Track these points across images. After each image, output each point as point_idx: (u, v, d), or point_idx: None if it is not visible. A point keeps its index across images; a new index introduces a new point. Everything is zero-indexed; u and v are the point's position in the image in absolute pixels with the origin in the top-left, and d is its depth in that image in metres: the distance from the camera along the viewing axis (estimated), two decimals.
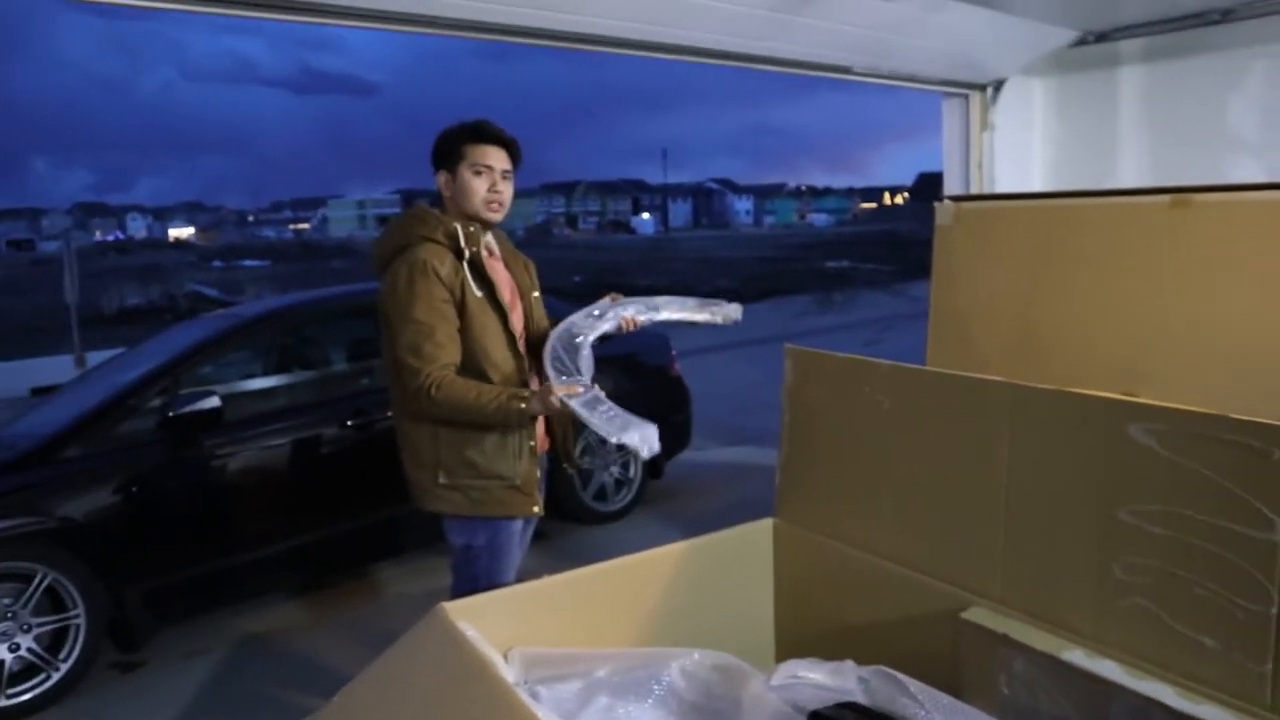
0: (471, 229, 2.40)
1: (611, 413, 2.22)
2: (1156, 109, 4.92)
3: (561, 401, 2.20)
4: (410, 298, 2.28)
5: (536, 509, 2.47)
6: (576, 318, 2.47)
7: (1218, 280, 2.31)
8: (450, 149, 2.42)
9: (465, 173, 2.39)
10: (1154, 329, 2.37)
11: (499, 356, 2.38)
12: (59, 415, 3.87)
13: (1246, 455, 1.43)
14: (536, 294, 2.62)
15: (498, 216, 2.45)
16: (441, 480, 2.38)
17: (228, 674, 3.62)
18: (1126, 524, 1.60)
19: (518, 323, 2.49)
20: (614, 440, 2.17)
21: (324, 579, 4.40)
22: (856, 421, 2.14)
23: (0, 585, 3.32)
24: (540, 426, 2.53)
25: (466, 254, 2.36)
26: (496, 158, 2.41)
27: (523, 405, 2.25)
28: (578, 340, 2.40)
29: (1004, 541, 1.81)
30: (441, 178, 2.44)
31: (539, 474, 2.49)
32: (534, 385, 2.45)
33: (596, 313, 2.49)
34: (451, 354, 2.30)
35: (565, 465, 2.70)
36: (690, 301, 2.44)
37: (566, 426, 2.66)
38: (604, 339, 2.48)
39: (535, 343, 2.51)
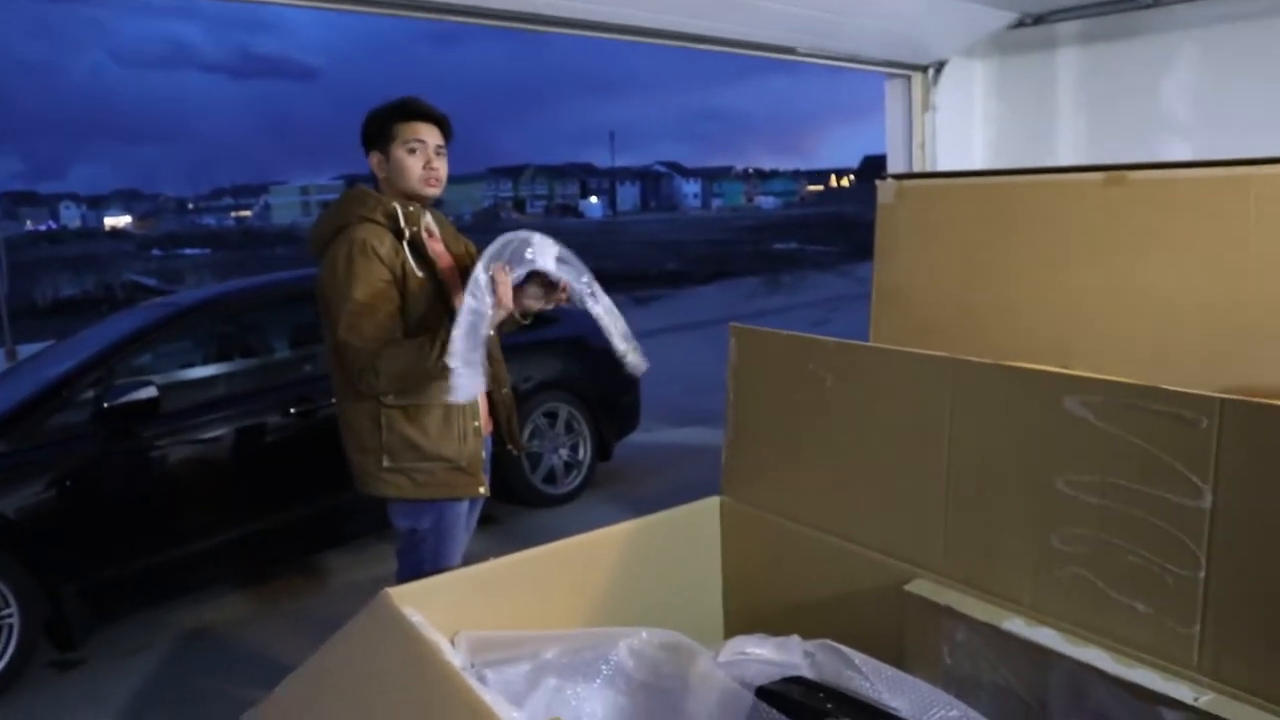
0: (411, 208, 2.36)
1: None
2: (1092, 90, 5.02)
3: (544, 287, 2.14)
4: (350, 278, 2.24)
5: (482, 489, 2.46)
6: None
7: (1150, 255, 2.36)
8: (380, 128, 2.38)
9: (398, 151, 2.36)
10: (1089, 303, 2.42)
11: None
12: None
13: (1177, 425, 1.47)
14: None
15: (435, 191, 2.41)
16: (385, 464, 2.34)
17: (170, 670, 3.55)
18: (1064, 494, 1.63)
19: (460, 303, 2.45)
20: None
21: (268, 570, 4.33)
22: (800, 398, 2.15)
23: None
24: (484, 408, 2.51)
25: (406, 234, 2.33)
26: (428, 133, 2.38)
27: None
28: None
29: (946, 514, 1.84)
30: (374, 159, 2.41)
31: (484, 455, 2.47)
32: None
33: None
34: (393, 333, 2.26)
35: (510, 448, 2.68)
36: (621, 325, 2.35)
37: (511, 409, 2.64)
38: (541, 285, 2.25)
39: None
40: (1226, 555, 1.41)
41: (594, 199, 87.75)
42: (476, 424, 2.41)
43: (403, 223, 2.32)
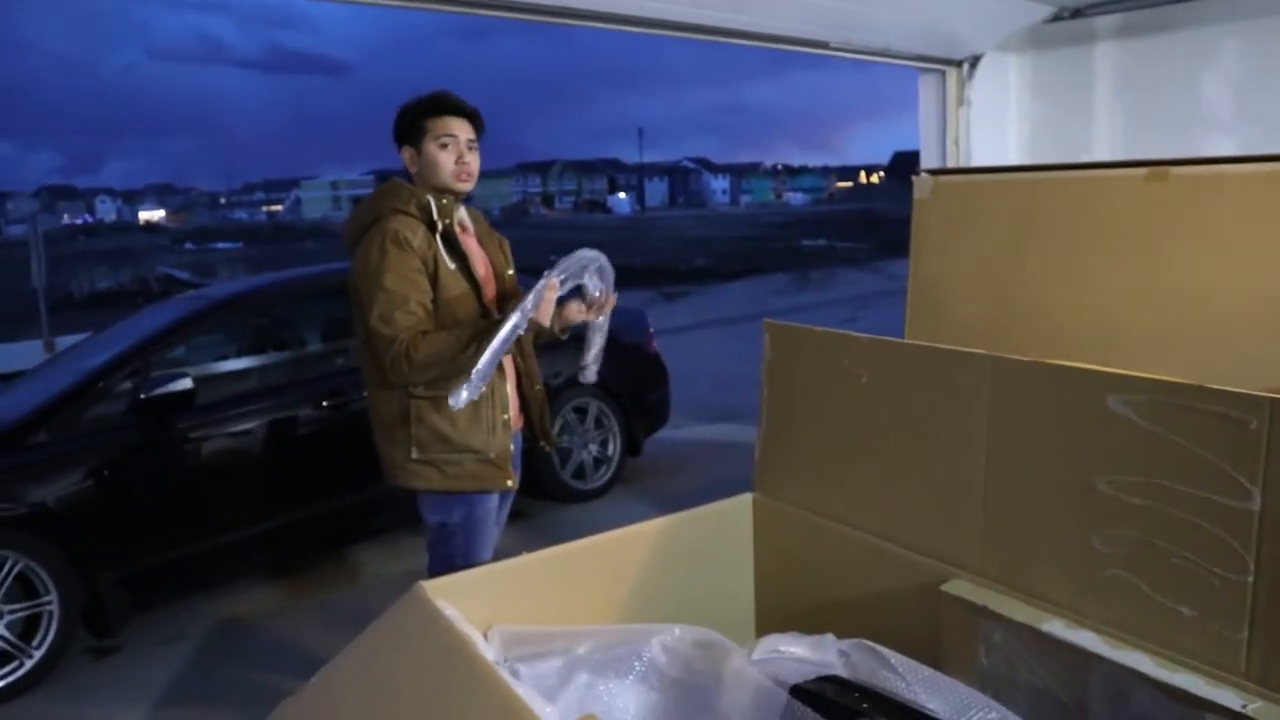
0: (444, 201, 2.37)
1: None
2: (1130, 86, 4.94)
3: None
4: (382, 268, 2.25)
5: (510, 483, 2.46)
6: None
7: (1193, 252, 2.31)
8: (412, 123, 2.39)
9: (430, 146, 2.36)
10: (1130, 300, 2.38)
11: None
12: (26, 400, 3.80)
13: (1224, 425, 1.44)
14: (511, 272, 2.58)
15: (467, 186, 2.42)
16: (414, 455, 2.35)
17: (204, 659, 3.59)
18: (1105, 495, 1.60)
19: (492, 297, 2.46)
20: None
21: (301, 561, 4.37)
22: (835, 395, 2.13)
23: None
24: (514, 403, 2.51)
25: (439, 226, 2.33)
26: (460, 127, 2.38)
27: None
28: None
29: (983, 514, 1.81)
30: (406, 154, 2.42)
31: (512, 448, 2.47)
32: (509, 368, 2.47)
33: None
34: (425, 323, 2.27)
35: (542, 444, 2.68)
36: (602, 343, 2.41)
37: (543, 404, 2.64)
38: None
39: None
40: (1276, 559, 1.38)
41: (622, 194, 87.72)
42: (506, 417, 2.42)
43: (436, 215, 2.33)
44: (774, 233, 35.69)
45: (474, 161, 2.41)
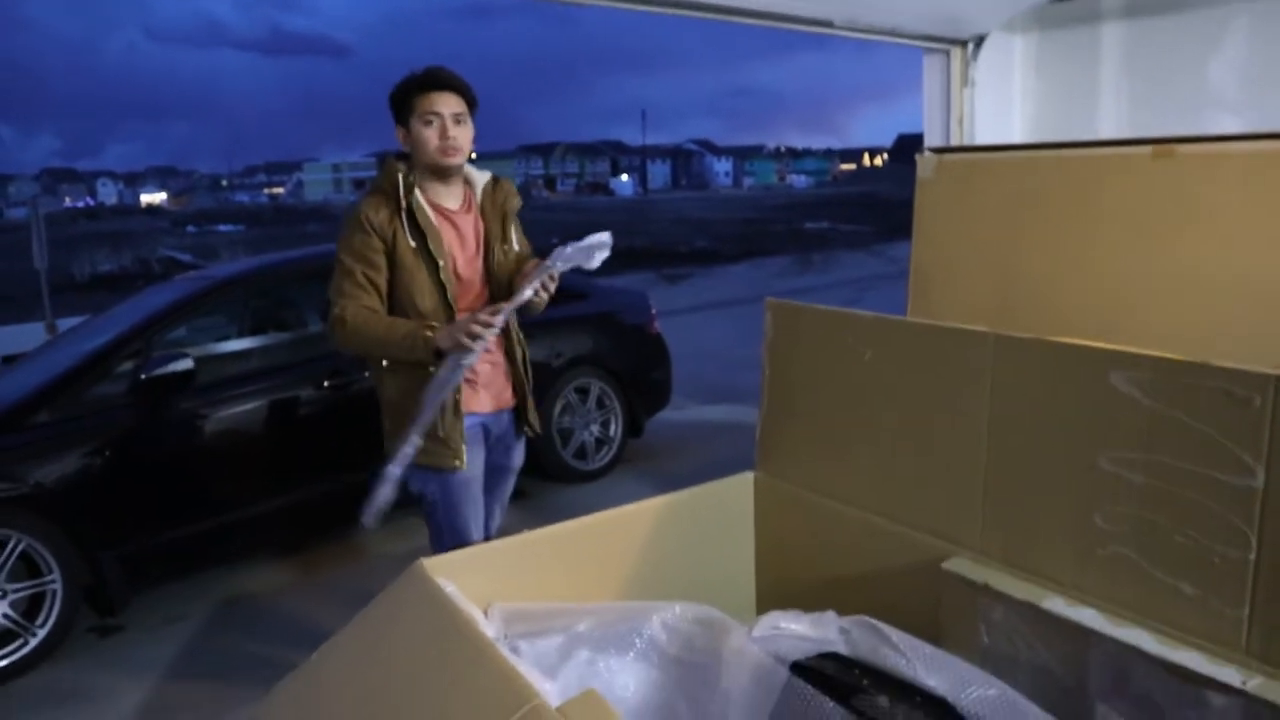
0: (411, 178, 2.40)
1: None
2: (1136, 65, 4.89)
3: (479, 326, 2.19)
4: (342, 244, 2.40)
5: (458, 463, 2.45)
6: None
7: (1200, 230, 2.30)
8: (401, 102, 2.41)
9: (416, 124, 2.38)
10: (1134, 279, 2.37)
11: (428, 307, 2.38)
12: (27, 381, 3.80)
13: (1227, 402, 1.43)
14: (509, 246, 2.55)
15: (454, 161, 2.41)
16: (386, 426, 2.48)
17: (207, 637, 3.60)
18: (1107, 472, 1.59)
19: (456, 274, 2.44)
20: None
21: (303, 541, 4.38)
22: (837, 374, 2.12)
23: None
24: (490, 384, 2.53)
25: (402, 204, 2.37)
26: (445, 103, 2.38)
27: (429, 334, 2.26)
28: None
29: (985, 491, 1.81)
30: (399, 133, 2.45)
31: (462, 428, 2.45)
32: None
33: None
34: (370, 296, 2.36)
35: (526, 429, 2.68)
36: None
37: (527, 388, 2.64)
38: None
39: (494, 293, 2.51)
40: (1278, 536, 1.38)
41: (625, 177, 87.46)
42: (457, 397, 2.42)
43: (401, 192, 2.38)
44: (776, 215, 35.57)
45: (461, 135, 2.40)
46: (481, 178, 2.54)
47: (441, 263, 2.39)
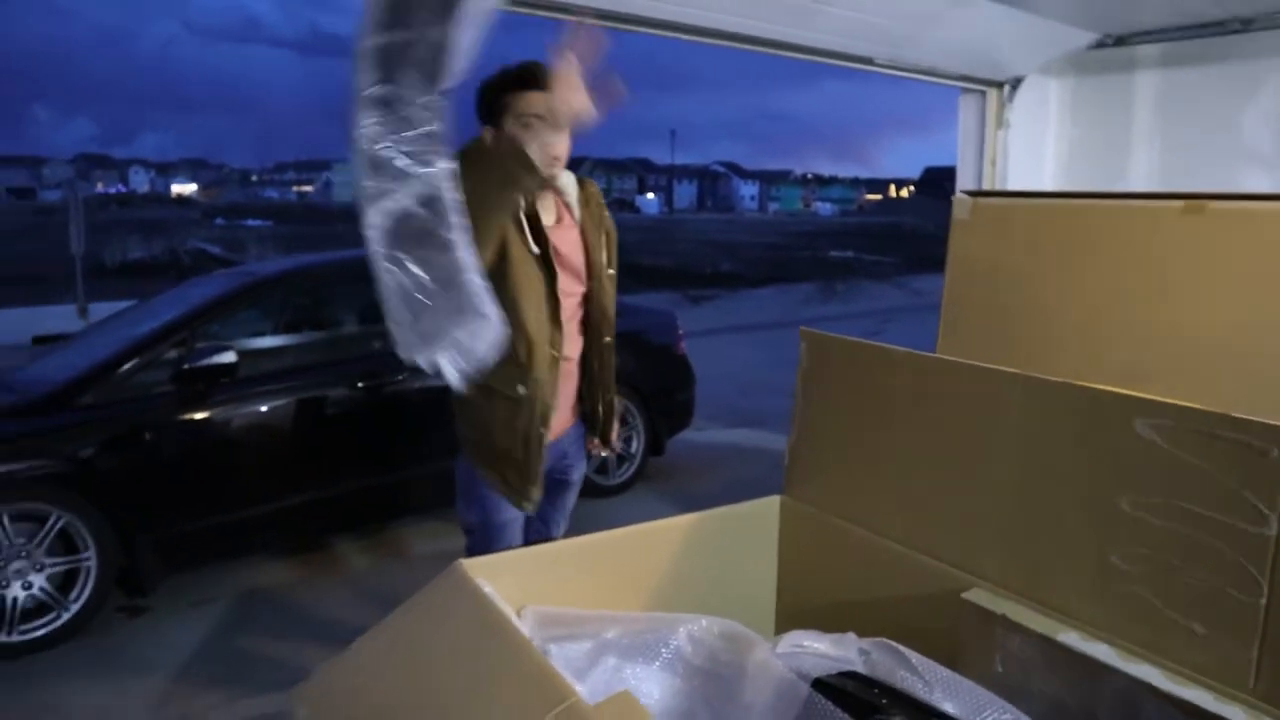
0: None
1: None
2: (1171, 115, 4.95)
3: None
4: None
5: (528, 505, 2.39)
6: None
7: (1226, 287, 2.36)
8: (493, 100, 2.12)
9: (514, 127, 2.08)
10: (1162, 331, 2.42)
11: (536, 320, 2.18)
12: (75, 362, 3.92)
13: (1246, 453, 1.49)
14: (612, 272, 2.39)
15: (554, 172, 2.17)
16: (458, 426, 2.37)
17: (231, 623, 3.70)
18: (1127, 515, 1.66)
19: (569, 291, 2.29)
20: None
21: (332, 536, 4.47)
22: (867, 405, 2.19)
23: (15, 525, 3.39)
24: (574, 402, 2.46)
25: (524, 207, 2.16)
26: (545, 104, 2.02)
27: None
28: None
29: (1008, 526, 1.87)
30: (486, 134, 2.16)
31: (543, 467, 2.36)
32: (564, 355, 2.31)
33: None
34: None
35: (596, 445, 2.59)
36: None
37: (602, 401, 2.51)
38: None
39: (588, 317, 2.38)
40: None
41: (651, 195, 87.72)
42: (542, 430, 2.26)
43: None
44: (801, 241, 35.63)
45: (561, 144, 2.10)
46: (569, 182, 2.28)
47: (561, 275, 2.21)
